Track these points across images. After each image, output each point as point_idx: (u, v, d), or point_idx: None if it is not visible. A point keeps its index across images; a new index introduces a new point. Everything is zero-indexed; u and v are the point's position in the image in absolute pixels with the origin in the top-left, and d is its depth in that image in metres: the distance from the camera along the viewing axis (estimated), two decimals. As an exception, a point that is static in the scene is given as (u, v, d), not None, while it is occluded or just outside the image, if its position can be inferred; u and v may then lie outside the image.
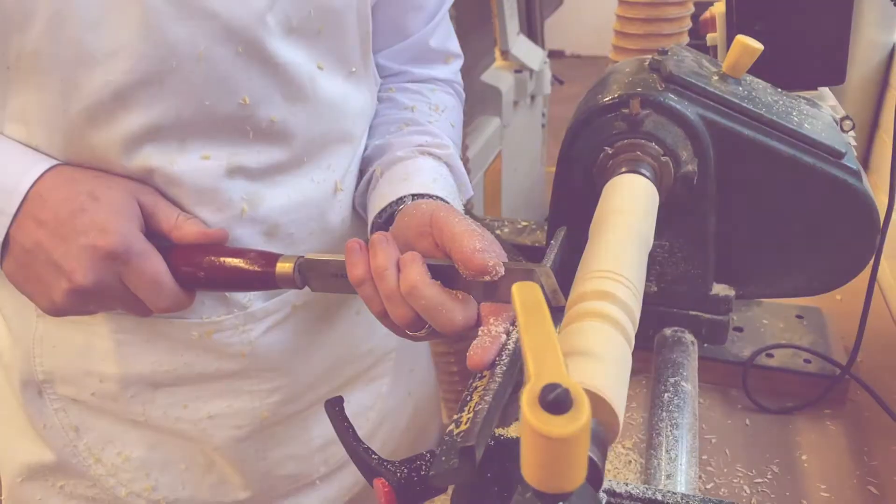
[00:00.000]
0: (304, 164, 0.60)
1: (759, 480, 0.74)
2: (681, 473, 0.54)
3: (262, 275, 0.53)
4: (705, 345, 0.71)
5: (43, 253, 0.50)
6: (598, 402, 0.35)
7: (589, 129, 0.62)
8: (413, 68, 0.72)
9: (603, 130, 0.62)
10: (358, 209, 0.67)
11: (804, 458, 0.76)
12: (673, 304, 0.68)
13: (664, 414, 0.59)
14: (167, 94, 0.50)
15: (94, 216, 0.49)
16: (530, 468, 0.26)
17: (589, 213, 0.64)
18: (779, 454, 0.77)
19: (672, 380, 0.62)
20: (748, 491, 0.73)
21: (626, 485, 0.48)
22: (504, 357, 0.41)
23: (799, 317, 0.90)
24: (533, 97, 1.91)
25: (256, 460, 0.67)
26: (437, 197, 0.58)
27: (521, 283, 0.32)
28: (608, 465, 0.73)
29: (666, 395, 0.61)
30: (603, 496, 0.47)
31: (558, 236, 0.51)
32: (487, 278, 0.45)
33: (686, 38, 1.10)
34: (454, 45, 0.75)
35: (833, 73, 0.71)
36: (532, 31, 1.97)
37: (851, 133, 0.70)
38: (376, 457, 0.47)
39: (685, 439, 0.57)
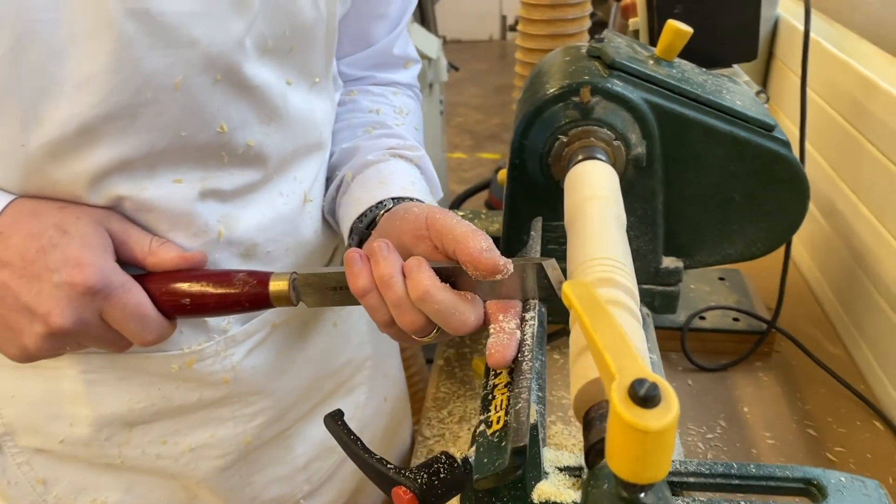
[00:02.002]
0: (273, 179, 0.58)
1: (711, 436, 0.79)
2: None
3: (255, 296, 0.51)
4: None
5: (10, 296, 0.46)
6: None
7: (541, 119, 0.64)
8: (376, 73, 0.72)
9: (555, 120, 0.63)
10: (326, 216, 0.66)
11: (746, 409, 0.82)
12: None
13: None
14: (139, 128, 0.47)
15: (66, 251, 0.46)
16: (622, 461, 0.27)
17: (547, 201, 0.66)
18: (723, 409, 0.83)
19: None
20: (703, 447, 0.78)
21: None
22: (526, 353, 0.42)
23: (721, 279, 0.97)
24: (431, 85, 1.91)
25: (242, 487, 0.65)
26: (417, 199, 0.58)
27: (571, 282, 0.33)
28: (573, 440, 0.76)
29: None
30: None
31: (536, 227, 0.52)
32: (499, 277, 0.45)
33: (586, 35, 1.15)
34: (412, 51, 0.75)
35: (746, 50, 0.77)
36: (425, 18, 1.97)
37: (765, 106, 0.75)
38: (392, 466, 0.46)
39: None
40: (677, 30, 0.66)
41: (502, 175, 0.90)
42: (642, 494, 0.29)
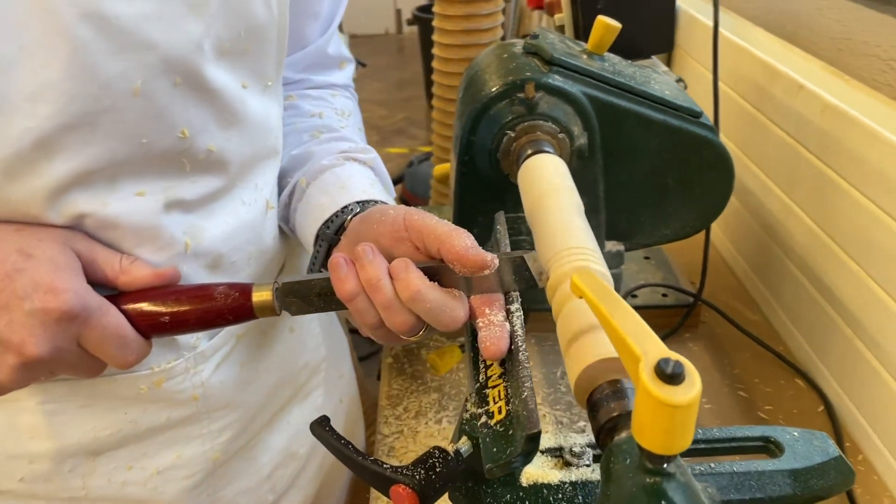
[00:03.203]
0: (235, 187, 0.57)
1: (654, 406, 0.84)
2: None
3: (238, 308, 0.50)
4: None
5: None
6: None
7: (488, 116, 0.66)
8: (312, 76, 0.71)
9: (502, 116, 0.65)
10: (280, 223, 0.66)
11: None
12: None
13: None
14: (99, 137, 0.45)
15: (35, 276, 0.43)
16: (653, 435, 0.29)
17: (496, 195, 0.68)
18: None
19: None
20: (648, 418, 0.82)
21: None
22: (519, 343, 0.43)
23: (647, 258, 1.02)
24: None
25: None
26: (381, 201, 0.58)
27: (578, 272, 0.35)
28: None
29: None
30: (588, 451, 0.52)
31: (501, 220, 0.54)
32: (487, 272, 0.47)
33: (500, 31, 1.18)
34: (346, 51, 0.75)
35: (663, 41, 0.81)
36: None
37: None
38: (388, 465, 0.47)
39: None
40: (607, 25, 0.69)
41: (438, 171, 0.92)
42: (666, 465, 0.31)
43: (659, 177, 0.71)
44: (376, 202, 0.58)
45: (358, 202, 0.57)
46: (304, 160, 0.64)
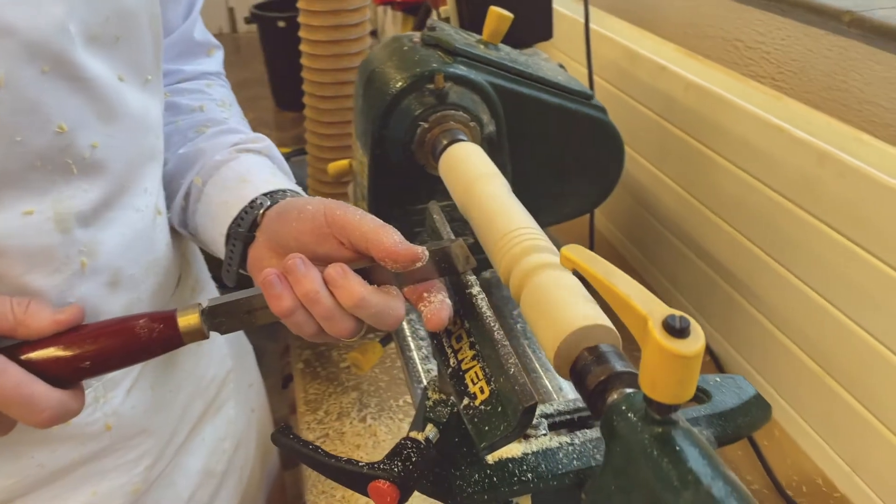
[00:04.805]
0: (126, 192, 0.54)
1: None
2: (564, 382, 0.64)
3: (165, 340, 0.46)
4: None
5: None
6: (604, 331, 0.41)
7: (399, 109, 0.66)
8: (182, 66, 0.68)
9: (414, 108, 0.66)
10: (178, 228, 0.62)
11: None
12: (478, 250, 0.77)
13: (524, 341, 0.68)
14: None
15: None
16: (665, 387, 0.32)
17: (410, 186, 0.69)
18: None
19: (515, 312, 0.71)
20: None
21: (551, 405, 0.56)
22: (491, 323, 0.44)
23: (534, 238, 1.07)
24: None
25: None
26: (291, 190, 0.57)
27: (567, 246, 0.36)
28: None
29: (518, 325, 0.70)
30: (543, 420, 0.54)
31: (436, 209, 0.55)
32: (419, 264, 0.47)
33: (369, 27, 1.18)
34: (212, 37, 0.71)
35: (543, 30, 0.85)
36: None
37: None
38: (363, 463, 0.47)
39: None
40: (501, 15, 0.72)
41: (333, 169, 0.90)
42: (672, 415, 0.34)
43: (559, 158, 0.75)
44: (284, 191, 0.56)
45: (265, 194, 0.55)
46: (194, 158, 0.62)
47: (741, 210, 0.83)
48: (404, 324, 0.70)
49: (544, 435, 0.52)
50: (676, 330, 0.31)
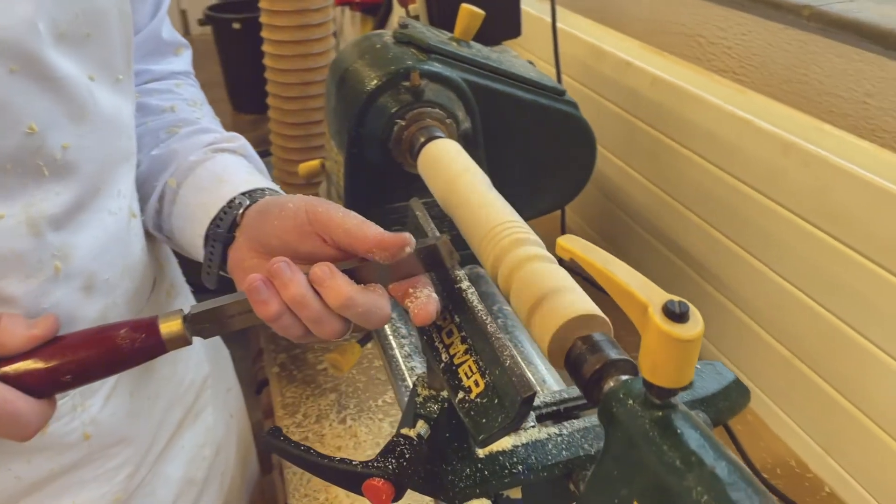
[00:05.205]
0: (99, 194, 0.52)
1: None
2: (547, 375, 0.65)
3: (149, 349, 0.45)
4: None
5: None
6: (596, 320, 0.42)
7: (375, 107, 0.66)
8: (150, 66, 0.67)
9: (390, 106, 0.66)
10: (152, 231, 0.61)
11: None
12: (461, 245, 0.77)
13: (505, 335, 0.68)
14: None
15: None
16: (666, 371, 0.33)
17: (388, 184, 0.69)
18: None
19: (494, 307, 0.72)
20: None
21: (538, 397, 0.56)
22: (483, 317, 0.44)
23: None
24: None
25: None
26: (269, 189, 0.56)
27: (563, 237, 0.37)
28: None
29: (499, 320, 0.70)
30: (531, 413, 0.55)
31: (419, 206, 0.55)
32: (408, 250, 0.46)
33: (333, 27, 1.17)
34: (180, 36, 0.70)
35: (512, 27, 0.86)
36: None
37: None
38: (357, 462, 0.46)
39: (533, 349, 0.67)
40: (472, 12, 0.72)
41: (303, 169, 0.89)
42: (672, 398, 0.34)
43: (533, 154, 0.76)
44: (263, 190, 0.55)
45: (243, 193, 0.54)
46: (167, 160, 0.60)
47: (709, 201, 0.85)
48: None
49: (533, 427, 0.53)
50: (676, 315, 0.32)
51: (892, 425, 0.66)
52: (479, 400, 0.42)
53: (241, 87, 1.86)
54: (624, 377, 0.38)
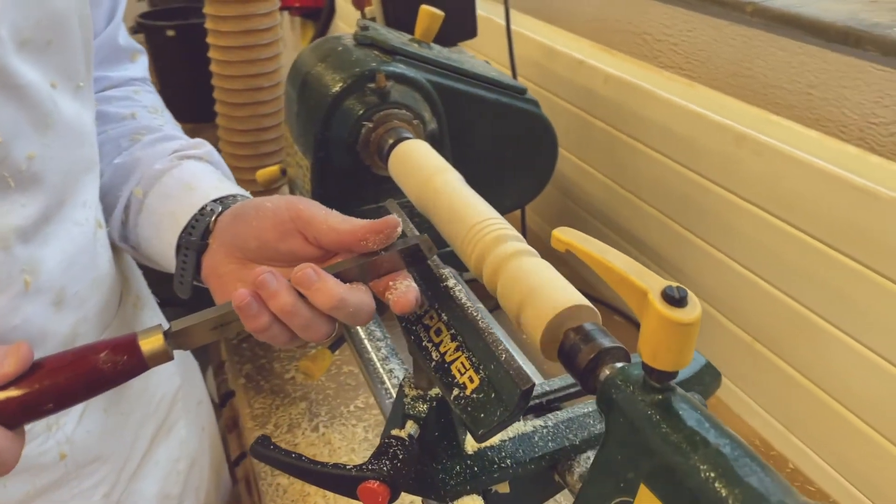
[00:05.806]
0: (65, 205, 0.51)
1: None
2: (526, 365, 0.65)
3: (130, 369, 0.44)
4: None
5: None
6: (586, 310, 0.43)
7: (341, 110, 0.66)
8: (107, 72, 0.65)
9: (357, 108, 0.65)
10: (118, 242, 0.59)
11: (524, 337, 0.95)
12: (439, 244, 0.77)
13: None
14: None
15: None
16: (667, 355, 0.34)
17: (355, 186, 0.69)
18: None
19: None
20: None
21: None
22: (474, 313, 0.45)
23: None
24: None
25: None
26: (241, 195, 0.56)
27: (559, 228, 0.37)
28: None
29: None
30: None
31: (395, 207, 0.55)
32: (400, 229, 0.47)
33: (279, 32, 1.16)
34: (135, 42, 0.69)
35: (468, 28, 0.87)
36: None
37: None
38: (351, 466, 0.46)
39: (509, 341, 0.68)
40: (432, 14, 0.72)
41: (262, 175, 0.88)
42: (671, 381, 0.35)
43: (496, 152, 0.77)
44: (234, 197, 0.55)
45: (214, 200, 0.54)
46: (131, 168, 0.59)
47: (666, 194, 0.87)
48: (358, 327, 0.69)
49: (518, 420, 0.53)
50: (676, 299, 0.33)
51: (850, 400, 0.70)
52: (475, 396, 0.43)
53: (178, 95, 1.81)
54: (619, 364, 0.39)
